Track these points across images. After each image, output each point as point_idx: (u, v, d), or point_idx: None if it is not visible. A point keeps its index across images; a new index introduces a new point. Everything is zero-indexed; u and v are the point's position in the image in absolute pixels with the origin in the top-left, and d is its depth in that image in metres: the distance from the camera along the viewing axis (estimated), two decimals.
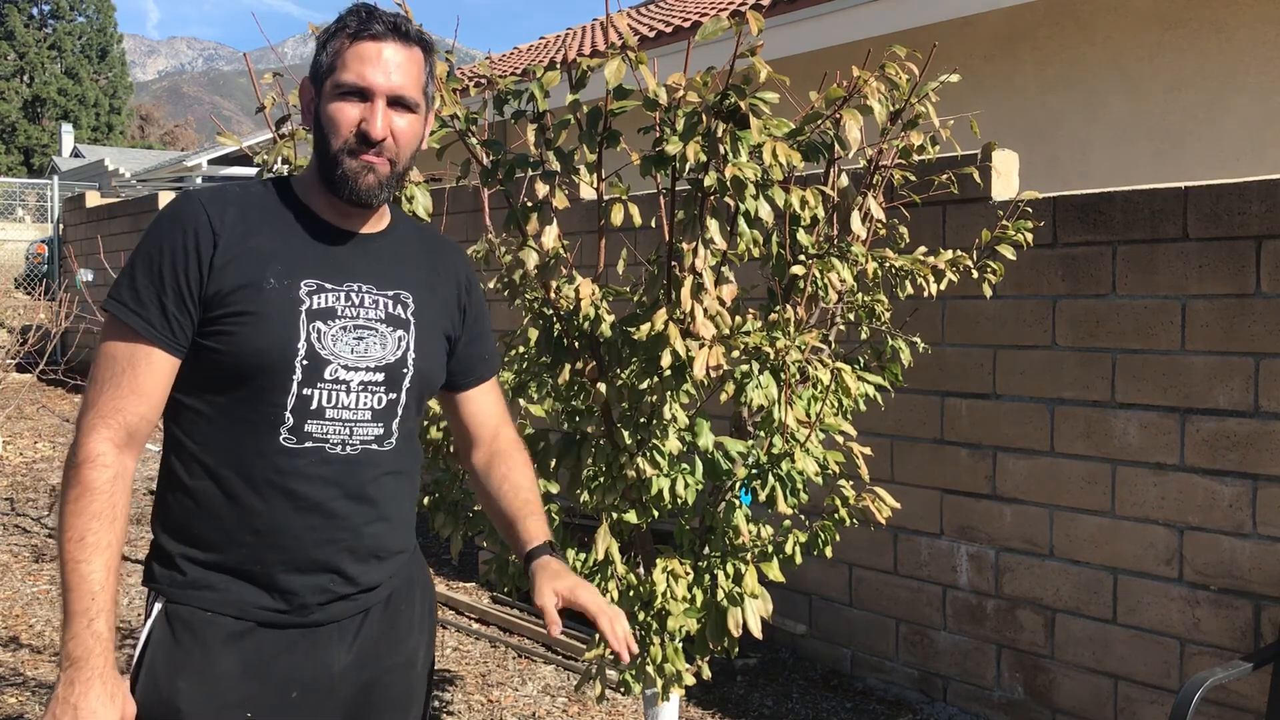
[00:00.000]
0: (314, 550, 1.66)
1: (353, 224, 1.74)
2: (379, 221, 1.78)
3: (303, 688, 1.67)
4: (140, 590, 5.21)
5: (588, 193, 2.46)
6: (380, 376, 1.69)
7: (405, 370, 1.72)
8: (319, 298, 1.66)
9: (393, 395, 1.71)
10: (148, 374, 1.60)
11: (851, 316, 3.12)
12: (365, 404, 1.68)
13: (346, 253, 1.72)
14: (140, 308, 1.60)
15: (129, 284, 1.61)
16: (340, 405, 1.66)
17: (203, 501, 1.64)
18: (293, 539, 1.65)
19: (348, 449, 1.67)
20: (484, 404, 1.96)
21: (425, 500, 2.97)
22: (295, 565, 1.65)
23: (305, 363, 1.63)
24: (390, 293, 1.73)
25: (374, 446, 1.70)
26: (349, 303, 1.68)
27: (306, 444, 1.64)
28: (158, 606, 1.64)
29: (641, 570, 2.72)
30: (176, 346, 1.61)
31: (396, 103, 1.67)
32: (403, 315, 1.74)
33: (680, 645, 2.64)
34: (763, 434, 2.62)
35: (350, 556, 1.70)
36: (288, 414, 1.63)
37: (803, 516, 2.94)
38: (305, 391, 1.63)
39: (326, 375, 1.64)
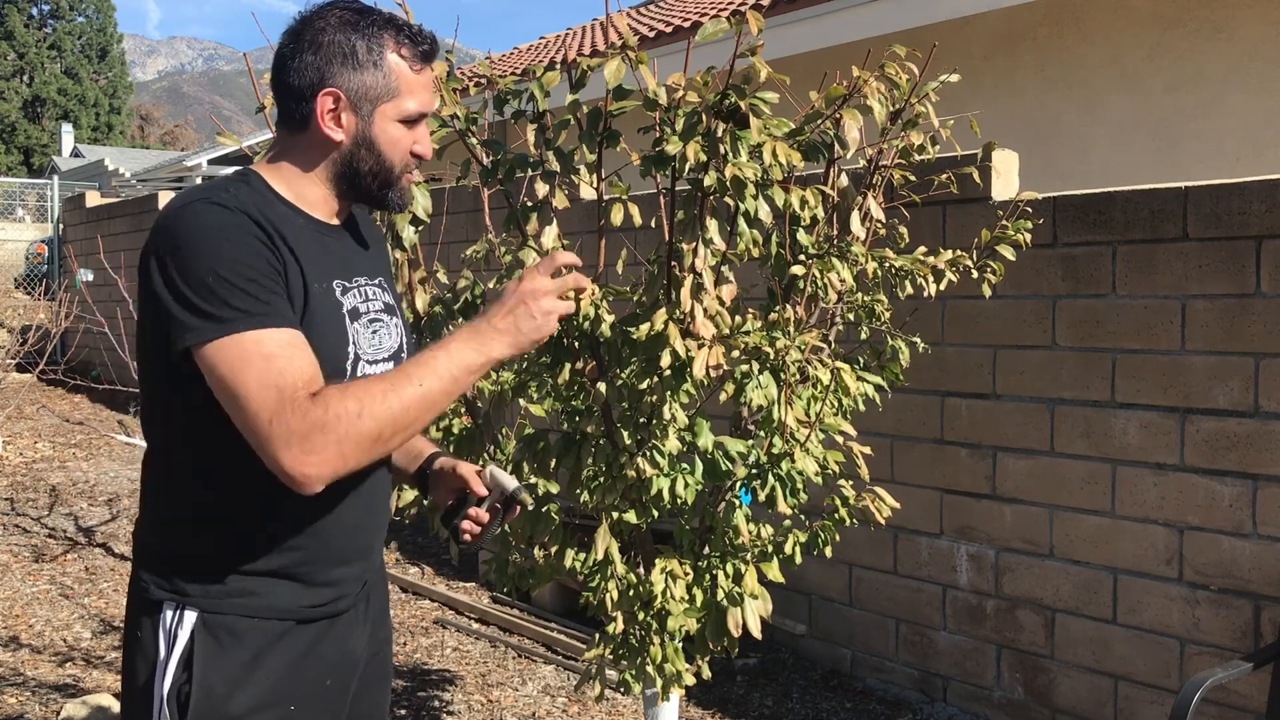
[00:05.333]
0: (357, 539, 1.71)
1: (335, 219, 1.73)
2: (343, 212, 1.77)
3: (335, 674, 1.71)
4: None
5: (588, 193, 2.46)
6: (392, 365, 1.71)
7: (404, 355, 1.76)
8: (346, 297, 1.66)
9: None
10: (305, 347, 1.50)
11: (851, 316, 3.12)
12: None
13: (341, 248, 1.71)
14: (259, 307, 1.48)
15: (221, 303, 1.46)
16: None
17: (245, 523, 1.60)
18: (340, 533, 1.68)
19: None
20: None
21: (426, 500, 2.96)
22: (341, 558, 1.69)
23: (352, 364, 1.64)
24: (377, 281, 1.76)
25: None
26: (362, 298, 1.69)
27: None
28: (191, 617, 1.58)
29: (641, 570, 2.72)
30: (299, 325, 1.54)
31: None
32: (392, 301, 1.77)
33: (680, 645, 2.64)
34: (763, 434, 2.61)
35: (378, 540, 1.78)
36: None
37: (803, 516, 2.94)
38: None
39: (359, 373, 1.66)
